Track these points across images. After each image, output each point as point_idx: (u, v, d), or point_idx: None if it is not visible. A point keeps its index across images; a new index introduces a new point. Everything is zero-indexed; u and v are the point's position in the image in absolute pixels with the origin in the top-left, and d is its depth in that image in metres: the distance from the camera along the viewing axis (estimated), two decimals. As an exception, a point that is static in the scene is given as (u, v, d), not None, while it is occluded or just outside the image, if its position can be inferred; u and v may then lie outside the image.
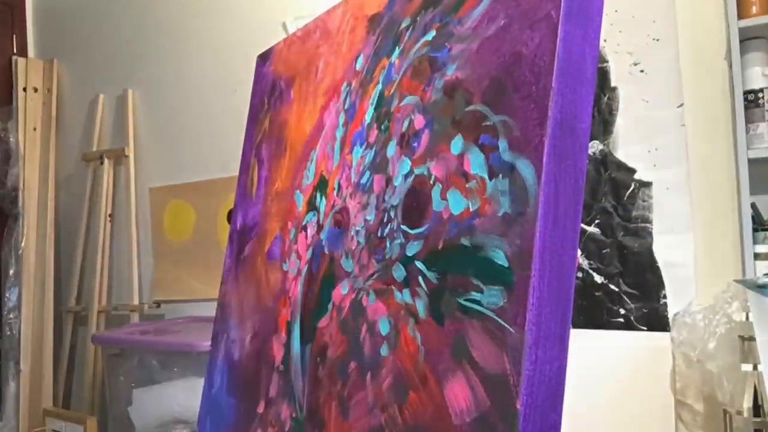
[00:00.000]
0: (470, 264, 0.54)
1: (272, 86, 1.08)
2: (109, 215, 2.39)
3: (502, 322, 0.49)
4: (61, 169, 2.55)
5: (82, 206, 2.43)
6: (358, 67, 0.84)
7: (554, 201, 0.49)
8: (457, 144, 0.60)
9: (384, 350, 0.64)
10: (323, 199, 0.84)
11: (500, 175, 0.53)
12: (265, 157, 1.05)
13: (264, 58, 1.15)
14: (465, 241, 0.55)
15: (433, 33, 0.70)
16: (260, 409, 0.87)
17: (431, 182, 0.62)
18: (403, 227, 0.65)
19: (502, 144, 0.54)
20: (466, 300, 0.54)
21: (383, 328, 0.65)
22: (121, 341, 1.79)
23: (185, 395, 1.61)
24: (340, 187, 0.81)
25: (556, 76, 0.49)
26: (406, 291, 0.62)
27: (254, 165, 1.08)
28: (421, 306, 0.60)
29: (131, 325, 2.15)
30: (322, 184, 0.85)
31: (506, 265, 0.50)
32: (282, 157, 0.99)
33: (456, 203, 0.58)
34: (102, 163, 2.39)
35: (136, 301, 2.28)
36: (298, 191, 0.92)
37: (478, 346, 0.51)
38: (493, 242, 0.52)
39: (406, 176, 0.67)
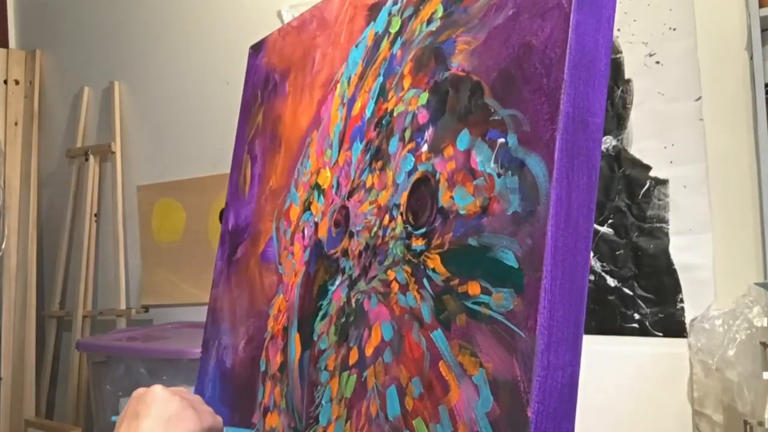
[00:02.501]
0: (478, 265, 0.54)
1: (265, 79, 1.08)
2: (95, 215, 2.40)
3: (512, 326, 0.49)
4: (43, 166, 2.56)
5: (66, 205, 2.44)
6: (357, 58, 0.84)
7: (566, 199, 0.49)
8: (463, 139, 0.60)
9: (387, 356, 0.64)
10: (321, 197, 0.84)
11: (509, 172, 0.53)
12: (258, 153, 1.05)
13: (257, 49, 1.15)
14: (472, 241, 0.56)
15: (437, 22, 0.70)
16: (255, 419, 0.88)
17: (436, 179, 0.62)
18: (407, 227, 0.65)
19: (512, 139, 0.54)
20: (473, 303, 0.54)
21: (386, 333, 0.65)
22: (107, 348, 1.79)
23: (175, 405, 1.61)
24: (339, 184, 0.81)
25: (568, 68, 0.50)
26: (410, 294, 0.63)
27: (247, 162, 1.09)
28: (426, 309, 0.60)
29: (118, 330, 2.15)
30: (319, 182, 0.86)
31: (516, 266, 0.50)
32: (276, 153, 1.00)
33: (462, 201, 0.58)
34: (87, 160, 2.40)
35: (122, 306, 2.28)
36: (294, 189, 0.92)
37: (487, 351, 0.51)
38: (501, 242, 0.52)
39: (409, 173, 0.67)
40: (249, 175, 1.07)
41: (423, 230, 0.63)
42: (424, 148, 0.66)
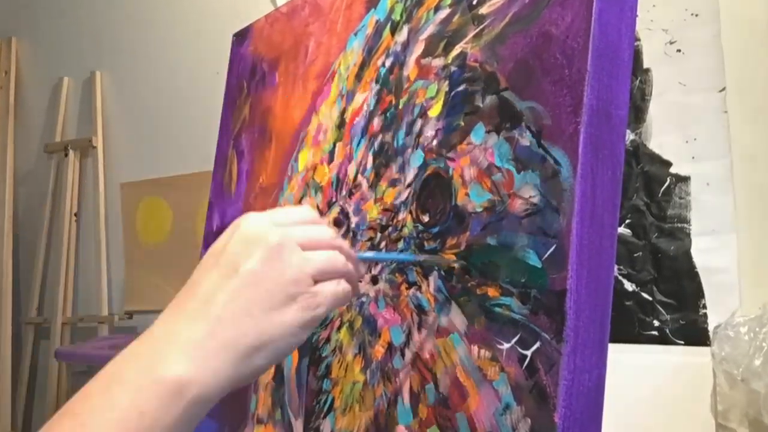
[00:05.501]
0: (498, 265, 0.56)
1: (252, 69, 1.09)
2: (75, 214, 2.40)
3: (536, 329, 0.50)
4: (20, 162, 2.56)
5: (44, 204, 2.44)
6: (357, 47, 0.84)
7: (591, 195, 0.50)
8: (478, 133, 0.61)
9: (397, 362, 0.65)
10: (318, 195, 0.85)
11: (530, 168, 0.54)
12: (245, 148, 1.06)
13: (241, 36, 1.16)
14: (491, 240, 0.57)
15: (446, 10, 0.70)
16: (247, 431, 0.88)
17: (449, 175, 0.63)
18: (417, 226, 0.66)
19: (531, 133, 0.55)
20: (493, 305, 0.55)
21: (396, 337, 0.66)
22: (88, 357, 1.80)
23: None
24: (339, 181, 0.81)
25: (592, 59, 0.51)
26: (422, 296, 0.64)
27: (232, 158, 1.09)
28: (440, 313, 0.61)
29: (100, 338, 2.16)
30: (316, 179, 0.86)
31: (539, 265, 0.51)
32: (266, 148, 1.00)
33: (479, 198, 0.59)
34: (66, 155, 2.40)
35: (105, 312, 2.29)
36: (287, 186, 0.93)
37: (509, 355, 0.52)
38: (523, 241, 0.53)
39: (419, 169, 0.68)
40: (235, 172, 1.07)
41: (436, 229, 0.64)
42: (435, 142, 0.66)
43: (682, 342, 1.39)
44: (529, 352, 0.51)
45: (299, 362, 0.81)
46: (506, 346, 0.53)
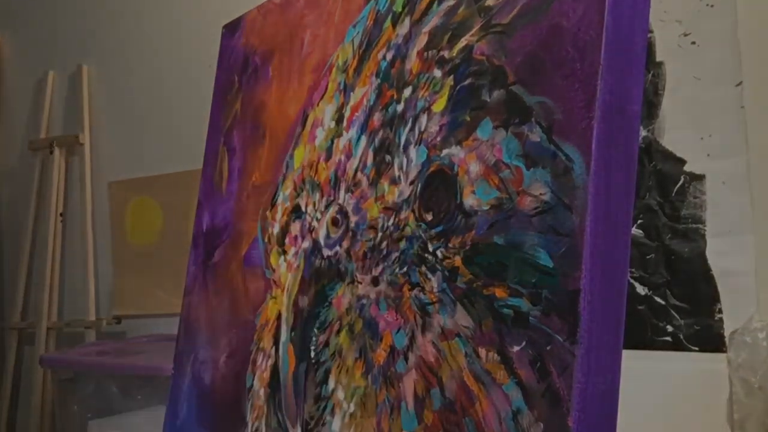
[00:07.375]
0: (506, 265, 0.56)
1: (244, 62, 1.09)
2: (61, 214, 2.40)
3: (548, 330, 0.51)
4: (3, 160, 2.56)
5: (29, 203, 2.44)
6: (356, 39, 0.85)
7: (605, 192, 0.51)
8: (485, 129, 0.61)
9: (401, 366, 0.66)
10: (316, 193, 0.85)
11: (540, 164, 0.55)
12: (237, 145, 1.06)
13: (232, 28, 1.16)
14: (498, 240, 0.57)
15: (451, 1, 0.71)
16: (243, 440, 0.89)
17: (454, 172, 0.64)
18: (420, 225, 0.67)
19: (542, 129, 0.56)
20: (502, 306, 0.56)
21: (398, 341, 0.67)
22: (74, 363, 1.80)
23: (150, 427, 1.62)
24: (337, 179, 0.82)
25: (605, 52, 0.51)
26: (425, 298, 0.64)
27: (223, 155, 1.09)
28: (444, 314, 0.61)
29: (87, 344, 2.16)
30: (313, 177, 0.86)
31: (551, 265, 0.52)
32: (260, 145, 1.00)
33: (486, 196, 0.60)
34: (52, 153, 2.40)
35: (92, 316, 2.29)
36: (281, 185, 0.93)
37: (519, 357, 0.53)
38: (533, 240, 0.54)
39: (422, 165, 0.68)
40: (226, 170, 1.08)
41: (440, 228, 0.64)
42: (439, 138, 0.67)
43: (697, 348, 1.39)
44: (540, 355, 0.51)
45: (296, 368, 0.82)
46: (516, 348, 0.54)
